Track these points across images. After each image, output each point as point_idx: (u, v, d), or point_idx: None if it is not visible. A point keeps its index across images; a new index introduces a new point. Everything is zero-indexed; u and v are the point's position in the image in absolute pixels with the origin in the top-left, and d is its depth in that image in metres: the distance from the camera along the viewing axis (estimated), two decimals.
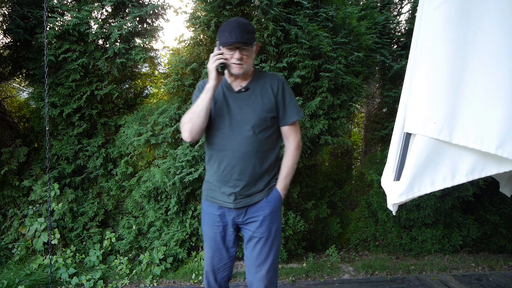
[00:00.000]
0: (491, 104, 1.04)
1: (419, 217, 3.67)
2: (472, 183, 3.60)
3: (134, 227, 3.27)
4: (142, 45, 3.31)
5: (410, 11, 4.21)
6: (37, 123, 3.35)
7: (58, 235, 3.14)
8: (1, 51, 3.30)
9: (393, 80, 3.89)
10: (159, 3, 3.42)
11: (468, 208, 3.97)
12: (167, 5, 3.45)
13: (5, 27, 3.14)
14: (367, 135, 4.36)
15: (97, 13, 3.30)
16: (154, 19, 3.51)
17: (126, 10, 3.37)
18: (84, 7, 3.10)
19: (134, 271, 3.08)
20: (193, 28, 3.18)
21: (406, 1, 4.36)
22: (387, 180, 1.35)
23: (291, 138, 1.69)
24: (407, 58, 1.44)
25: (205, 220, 1.75)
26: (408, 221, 3.75)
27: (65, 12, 3.18)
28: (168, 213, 3.19)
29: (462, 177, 1.11)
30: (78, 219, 3.28)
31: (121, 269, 3.08)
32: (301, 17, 3.01)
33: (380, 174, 2.29)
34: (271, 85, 1.64)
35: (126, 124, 3.26)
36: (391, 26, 4.03)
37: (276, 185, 1.69)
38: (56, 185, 3.18)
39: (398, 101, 1.46)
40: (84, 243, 3.29)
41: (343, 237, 3.96)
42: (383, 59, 3.73)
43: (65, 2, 3.28)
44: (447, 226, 3.82)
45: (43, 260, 3.05)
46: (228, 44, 1.50)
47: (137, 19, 3.34)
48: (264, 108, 1.61)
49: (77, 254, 3.17)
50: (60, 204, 3.15)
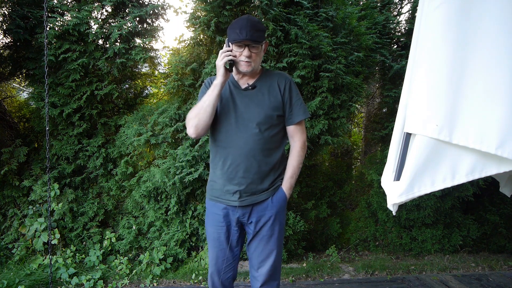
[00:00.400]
0: (491, 104, 1.04)
1: (419, 217, 3.67)
2: (472, 183, 3.60)
3: (134, 227, 3.27)
4: (142, 45, 3.31)
5: (410, 11, 4.21)
6: (37, 123, 3.35)
7: (58, 235, 3.14)
8: (1, 51, 3.30)
9: (393, 80, 3.89)
10: (159, 3, 3.42)
11: (468, 208, 3.97)
12: (167, 5, 3.45)
13: (5, 27, 3.14)
14: (367, 135, 4.36)
15: (97, 13, 3.30)
16: (154, 19, 3.51)
17: (126, 10, 3.37)
18: (84, 7, 3.10)
19: (134, 271, 3.08)
20: (193, 28, 3.18)
21: (406, 1, 4.36)
22: (387, 180, 1.34)
23: (297, 138, 1.69)
24: (407, 58, 1.44)
25: (209, 220, 1.74)
26: (408, 221, 3.75)
27: (65, 12, 3.18)
28: (168, 213, 3.19)
29: (462, 177, 1.11)
30: (78, 219, 3.28)
31: (121, 269, 3.08)
32: (301, 17, 3.01)
33: (380, 174, 2.29)
34: (279, 84, 1.64)
35: (126, 124, 3.26)
36: (391, 26, 4.03)
37: (282, 185, 1.69)
38: (56, 185, 3.18)
39: (398, 101, 1.46)
40: (84, 243, 3.29)
41: (343, 237, 3.96)
42: (383, 59, 3.73)
43: (65, 2, 3.28)
44: (447, 226, 3.82)
45: (43, 260, 3.05)
46: (238, 41, 1.49)
47: (137, 19, 3.34)
48: (271, 106, 1.60)
49: (77, 254, 3.17)
50: (60, 204, 3.15)
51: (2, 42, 3.31)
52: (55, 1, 3.19)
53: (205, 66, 3.08)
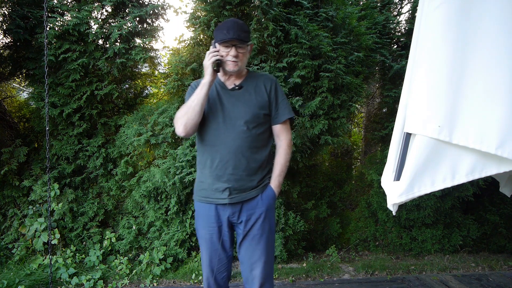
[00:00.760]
0: (491, 104, 1.04)
1: (419, 217, 3.67)
2: (472, 183, 3.60)
3: (134, 227, 3.27)
4: (142, 45, 3.31)
5: (410, 11, 4.21)
6: (37, 123, 3.35)
7: (58, 235, 3.14)
8: (1, 51, 3.30)
9: (393, 80, 3.89)
10: (159, 3, 3.42)
11: (468, 208, 3.97)
12: (167, 5, 3.45)
13: (5, 27, 3.14)
14: (367, 135, 4.36)
15: (97, 13, 3.30)
16: (154, 19, 3.51)
17: (126, 10, 3.37)
18: (84, 7, 3.10)
19: (134, 271, 3.08)
20: (193, 28, 3.18)
21: (406, 1, 4.36)
22: (387, 180, 1.35)
23: (283, 137, 1.73)
24: (407, 58, 1.44)
25: (200, 222, 1.74)
26: (408, 221, 3.75)
27: (65, 12, 3.18)
28: (168, 213, 3.19)
29: (462, 177, 1.11)
30: (78, 219, 3.28)
31: (121, 269, 3.08)
32: (301, 17, 3.01)
33: (380, 174, 2.29)
34: (264, 84, 1.69)
35: (126, 124, 3.26)
36: (391, 26, 4.03)
37: (270, 183, 1.71)
38: (56, 185, 3.18)
39: (398, 101, 1.46)
40: (84, 243, 3.29)
41: (343, 237, 3.96)
42: (383, 59, 3.73)
43: (65, 2, 3.28)
44: (447, 226, 3.82)
45: (43, 260, 3.05)
46: (225, 41, 1.54)
47: (137, 19, 3.34)
48: (258, 105, 1.64)
49: (77, 254, 3.17)
50: (60, 204, 3.15)
51: (2, 42, 3.31)
52: (55, 1, 3.19)
53: None
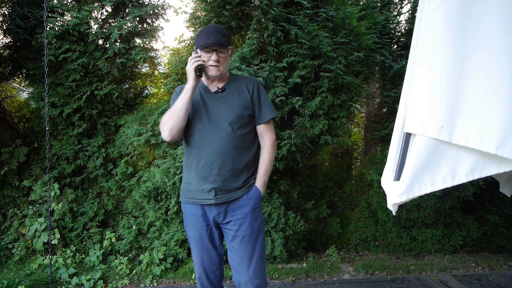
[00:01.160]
0: (491, 104, 1.04)
1: (419, 217, 3.67)
2: (472, 183, 3.60)
3: (134, 227, 3.27)
4: (142, 45, 3.31)
5: (410, 11, 4.21)
6: (37, 123, 3.35)
7: (58, 235, 3.14)
8: (1, 51, 3.30)
9: (393, 80, 3.89)
10: (159, 3, 3.42)
11: (468, 208, 3.97)
12: (167, 5, 3.46)
13: (5, 27, 3.14)
14: (367, 135, 4.37)
15: (97, 13, 3.30)
16: (154, 19, 3.51)
17: (126, 10, 3.37)
18: (84, 7, 3.10)
19: (134, 271, 3.08)
20: (193, 28, 3.18)
21: (406, 1, 4.36)
22: (387, 180, 1.34)
23: (267, 136, 1.75)
24: (407, 58, 1.44)
25: (189, 223, 1.76)
26: (408, 221, 3.75)
27: (65, 12, 3.18)
28: (168, 213, 3.19)
29: (462, 177, 1.11)
30: (78, 219, 3.28)
31: (121, 269, 3.08)
32: (301, 17, 3.01)
33: (380, 174, 2.29)
34: (247, 86, 1.72)
35: (126, 124, 3.26)
36: (391, 26, 4.03)
37: (255, 183, 1.73)
38: (56, 185, 3.18)
39: (398, 101, 1.46)
40: (84, 243, 3.29)
41: (343, 237, 3.96)
42: (383, 59, 3.73)
43: (65, 2, 3.28)
44: (447, 226, 3.82)
45: (43, 260, 3.05)
46: (206, 46, 1.58)
47: (137, 19, 3.34)
48: (241, 106, 1.67)
49: (77, 254, 3.17)
50: (60, 204, 3.15)
51: (2, 42, 3.32)
52: (55, 1, 3.19)
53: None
